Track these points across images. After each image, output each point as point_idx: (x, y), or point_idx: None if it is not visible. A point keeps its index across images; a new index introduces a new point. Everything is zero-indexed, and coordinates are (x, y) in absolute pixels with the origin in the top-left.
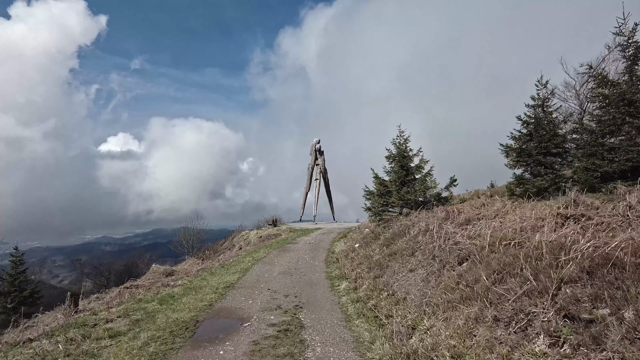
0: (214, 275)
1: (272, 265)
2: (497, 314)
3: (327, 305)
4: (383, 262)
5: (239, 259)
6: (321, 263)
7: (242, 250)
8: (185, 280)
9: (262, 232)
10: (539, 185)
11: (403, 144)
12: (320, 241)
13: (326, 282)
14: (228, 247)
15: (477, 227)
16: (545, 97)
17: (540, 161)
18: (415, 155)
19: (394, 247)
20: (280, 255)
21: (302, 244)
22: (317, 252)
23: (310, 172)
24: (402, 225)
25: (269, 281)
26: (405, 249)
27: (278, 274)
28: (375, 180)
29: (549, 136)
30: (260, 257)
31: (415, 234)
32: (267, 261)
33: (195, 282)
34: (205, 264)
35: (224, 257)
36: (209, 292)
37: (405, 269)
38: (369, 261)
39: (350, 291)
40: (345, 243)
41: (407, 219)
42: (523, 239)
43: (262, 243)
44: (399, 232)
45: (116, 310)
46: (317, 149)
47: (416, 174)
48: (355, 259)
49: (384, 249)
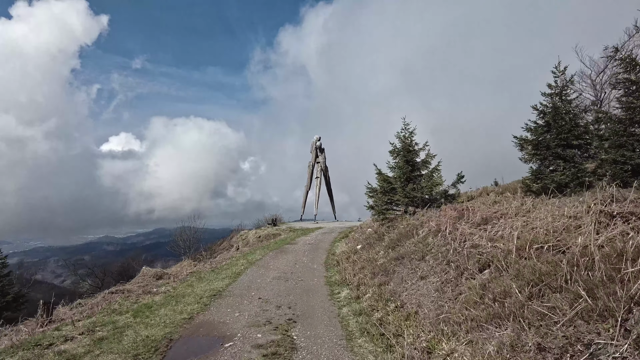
0: (201, 281)
1: (266, 269)
2: (541, 340)
3: (325, 319)
4: (389, 266)
5: (232, 262)
6: (320, 266)
7: (240, 251)
8: (170, 286)
9: (261, 232)
10: (559, 180)
11: (408, 138)
12: (320, 241)
13: (325, 288)
14: (226, 247)
15: (497, 228)
16: (563, 84)
17: (559, 154)
18: (422, 150)
19: (400, 249)
20: (277, 258)
21: (301, 245)
22: (317, 253)
23: (311, 170)
24: (409, 225)
25: (262, 288)
26: (414, 252)
27: (272, 279)
28: (378, 176)
29: (569, 127)
30: (255, 259)
31: (424, 235)
32: (262, 264)
33: (180, 289)
34: (197, 267)
35: (218, 259)
36: (192, 302)
37: (415, 276)
38: (372, 265)
39: (351, 300)
40: (347, 244)
41: (414, 218)
42: (559, 242)
43: (260, 243)
44: (405, 233)
45: (83, 325)
46: (317, 146)
47: (422, 169)
48: (358, 262)
49: (389, 251)
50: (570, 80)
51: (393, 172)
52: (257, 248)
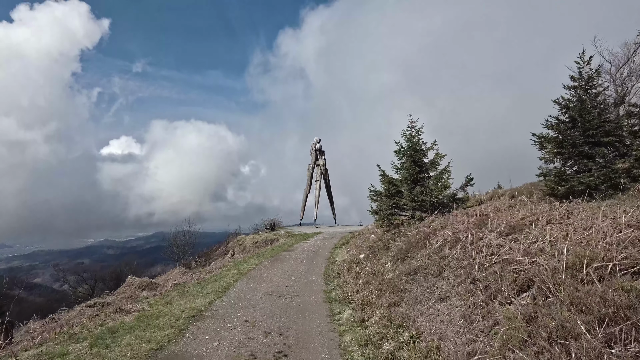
0: (183, 296)
1: (258, 282)
2: None
3: (323, 350)
4: (399, 283)
5: (222, 273)
6: (319, 278)
7: (234, 257)
8: (146, 303)
9: (258, 237)
10: (587, 182)
11: (415, 136)
12: (319, 248)
13: (324, 307)
14: (222, 253)
15: (531, 238)
16: (589, 75)
17: (586, 153)
18: (430, 149)
19: (412, 262)
20: (272, 267)
21: (299, 252)
22: (315, 262)
23: (311, 173)
24: (419, 232)
25: (250, 307)
26: (429, 266)
27: (264, 294)
28: (382, 178)
29: (597, 122)
30: (247, 269)
31: (439, 245)
32: (254, 275)
33: (156, 307)
34: (184, 277)
35: (209, 267)
36: (166, 325)
37: (433, 296)
38: (379, 280)
39: (355, 324)
40: (348, 251)
41: (424, 224)
42: (627, 259)
43: (257, 250)
44: (415, 242)
45: (26, 357)
46: (317, 148)
47: (430, 170)
48: (361, 275)
49: (397, 264)
50: (597, 71)
51: (398, 173)
52: (251, 256)
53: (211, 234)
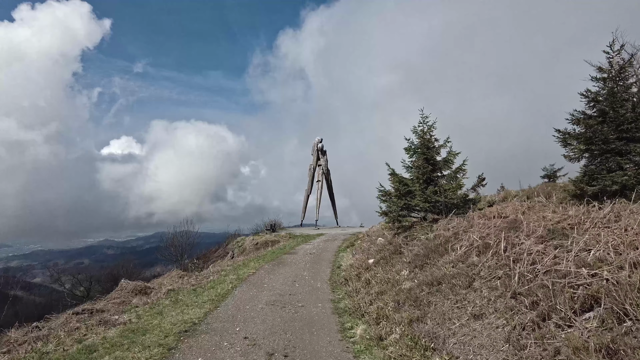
0: (176, 305)
1: (259, 289)
2: None
3: None
4: (420, 294)
5: (220, 278)
6: (324, 284)
7: (233, 260)
8: (134, 313)
9: (258, 239)
10: (622, 182)
11: (427, 132)
12: (322, 251)
13: (333, 320)
14: (221, 254)
15: (581, 244)
16: (620, 66)
17: (619, 150)
18: (442, 147)
19: (434, 270)
20: (273, 272)
21: (301, 255)
22: (320, 266)
23: (312, 174)
24: (438, 237)
25: (250, 319)
26: (456, 275)
27: (265, 304)
28: (391, 177)
29: (632, 116)
30: (247, 274)
31: (464, 251)
32: (255, 281)
33: (145, 319)
34: (180, 281)
35: (207, 271)
36: (152, 343)
37: (465, 313)
38: (395, 290)
39: (372, 343)
40: (354, 255)
41: (442, 227)
42: None
43: (257, 252)
44: (435, 248)
45: None
46: (319, 148)
47: (444, 169)
48: (373, 283)
49: (416, 271)
50: (629, 60)
51: (409, 172)
52: (251, 259)
53: (211, 235)
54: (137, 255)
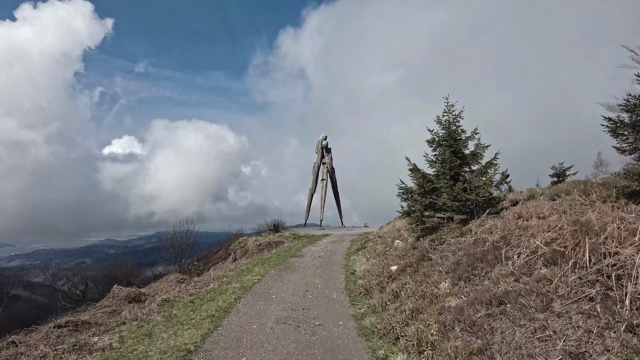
0: (168, 324)
1: (266, 301)
2: None
3: None
4: (475, 316)
5: (221, 286)
6: (341, 295)
7: (237, 262)
8: (117, 335)
9: (261, 239)
10: None
11: (453, 123)
12: (332, 253)
13: (360, 345)
14: (222, 256)
15: None
16: None
17: None
18: (470, 139)
19: (488, 285)
20: (281, 278)
21: (309, 258)
22: (331, 272)
23: (316, 172)
24: (482, 241)
25: (258, 344)
26: (523, 293)
27: (275, 322)
28: (412, 173)
29: None
30: (251, 281)
31: (525, 261)
32: (261, 291)
33: (128, 344)
34: (179, 288)
35: (207, 277)
36: None
37: (553, 348)
38: (436, 307)
39: None
40: (368, 259)
41: (485, 230)
42: None
43: (260, 254)
44: (481, 255)
45: None
46: (323, 145)
47: (472, 164)
48: (403, 296)
49: (461, 285)
50: None
51: (433, 167)
52: (255, 262)
53: (213, 234)
54: (139, 254)
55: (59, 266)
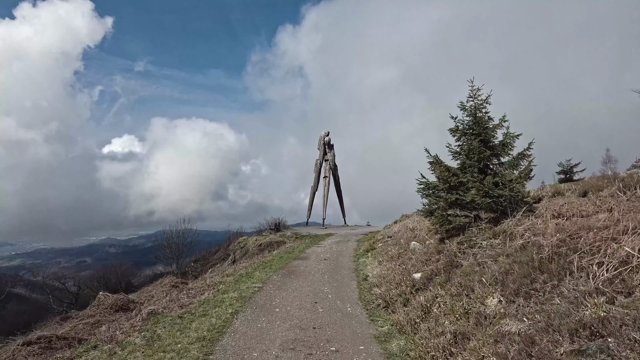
0: (148, 350)
1: (269, 316)
2: None
3: None
4: (557, 354)
5: (217, 295)
6: (357, 308)
7: (236, 265)
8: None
9: (262, 239)
10: None
11: (480, 108)
12: (338, 255)
13: None
14: (222, 256)
15: None
16: None
17: None
18: (498, 127)
19: (569, 309)
20: (284, 286)
21: (314, 261)
22: (341, 277)
23: (319, 169)
24: (533, 246)
25: None
26: (628, 322)
27: (281, 348)
28: (433, 166)
29: None
30: (251, 290)
31: (612, 275)
32: (262, 302)
33: None
34: (170, 297)
35: (202, 282)
36: None
37: None
38: (489, 331)
39: None
40: (380, 263)
41: (534, 231)
42: None
43: (261, 255)
44: (540, 265)
45: None
46: (326, 142)
47: (502, 155)
48: (436, 313)
49: (519, 301)
50: None
51: (456, 159)
52: (256, 265)
53: (213, 233)
54: (140, 253)
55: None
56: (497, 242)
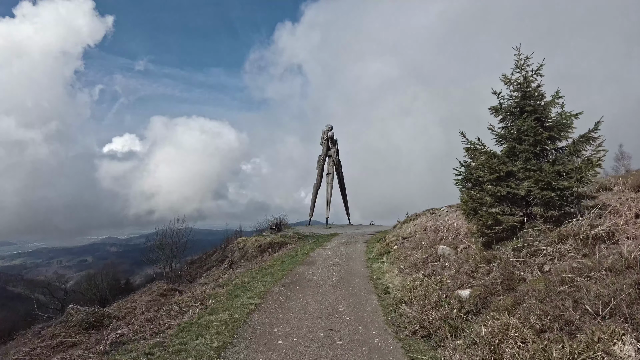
0: None
1: (270, 353)
2: None
3: None
4: None
5: (202, 317)
6: (385, 336)
7: (233, 267)
8: None
9: (262, 240)
10: None
11: (531, 80)
12: (348, 259)
13: None
14: (218, 258)
15: None
16: None
17: None
18: (551, 105)
19: None
20: (288, 303)
21: (321, 266)
22: (356, 289)
23: (321, 166)
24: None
25: None
26: None
27: None
28: (472, 151)
29: None
30: (246, 309)
31: None
32: (259, 329)
33: None
34: (149, 314)
35: (190, 295)
36: None
37: None
38: None
39: None
40: (402, 270)
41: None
42: None
43: (260, 257)
44: None
45: None
46: (329, 137)
47: (559, 139)
48: (512, 355)
49: None
50: None
51: (500, 144)
52: (254, 273)
53: (213, 232)
54: (140, 252)
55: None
56: (566, 249)
